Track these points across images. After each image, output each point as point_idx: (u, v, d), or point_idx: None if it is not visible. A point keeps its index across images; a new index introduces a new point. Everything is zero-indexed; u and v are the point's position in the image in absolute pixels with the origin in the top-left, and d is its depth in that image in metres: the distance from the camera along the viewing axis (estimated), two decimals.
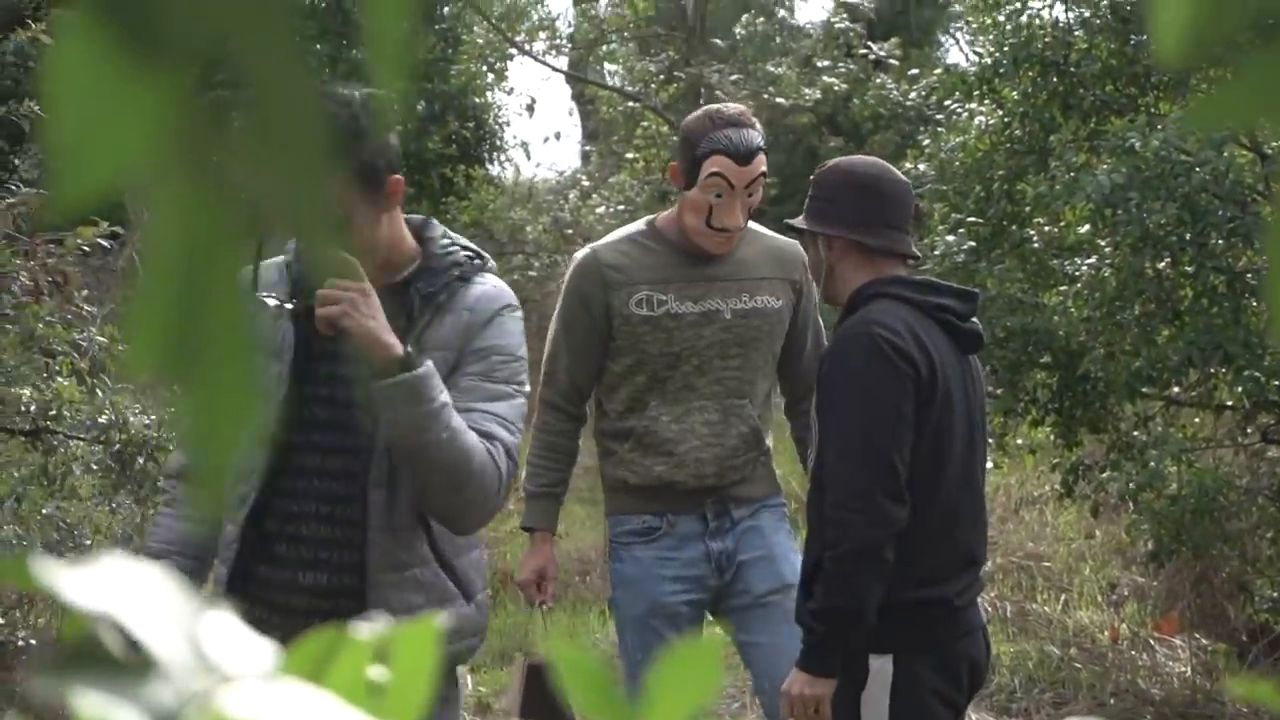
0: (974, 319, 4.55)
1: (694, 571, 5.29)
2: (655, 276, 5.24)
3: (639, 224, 5.46)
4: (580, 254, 5.41)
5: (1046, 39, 8.88)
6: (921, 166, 9.86)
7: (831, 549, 4.23)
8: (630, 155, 21.35)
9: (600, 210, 20.99)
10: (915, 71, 18.86)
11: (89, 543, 7.25)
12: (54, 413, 7.28)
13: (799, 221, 4.62)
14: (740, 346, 5.26)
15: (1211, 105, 0.69)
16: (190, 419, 0.65)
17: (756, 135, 5.22)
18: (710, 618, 5.49)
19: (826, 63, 21.25)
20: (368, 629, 0.74)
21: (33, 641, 7.65)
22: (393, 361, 3.62)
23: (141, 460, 7.05)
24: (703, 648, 0.77)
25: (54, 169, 0.62)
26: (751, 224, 5.39)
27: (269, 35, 0.63)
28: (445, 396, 3.69)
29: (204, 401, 0.65)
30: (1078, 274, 8.30)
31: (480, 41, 22.38)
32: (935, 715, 4.39)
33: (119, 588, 0.67)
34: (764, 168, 5.20)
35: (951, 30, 25.20)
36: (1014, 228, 8.95)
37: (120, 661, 0.66)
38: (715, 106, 5.33)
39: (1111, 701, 8.41)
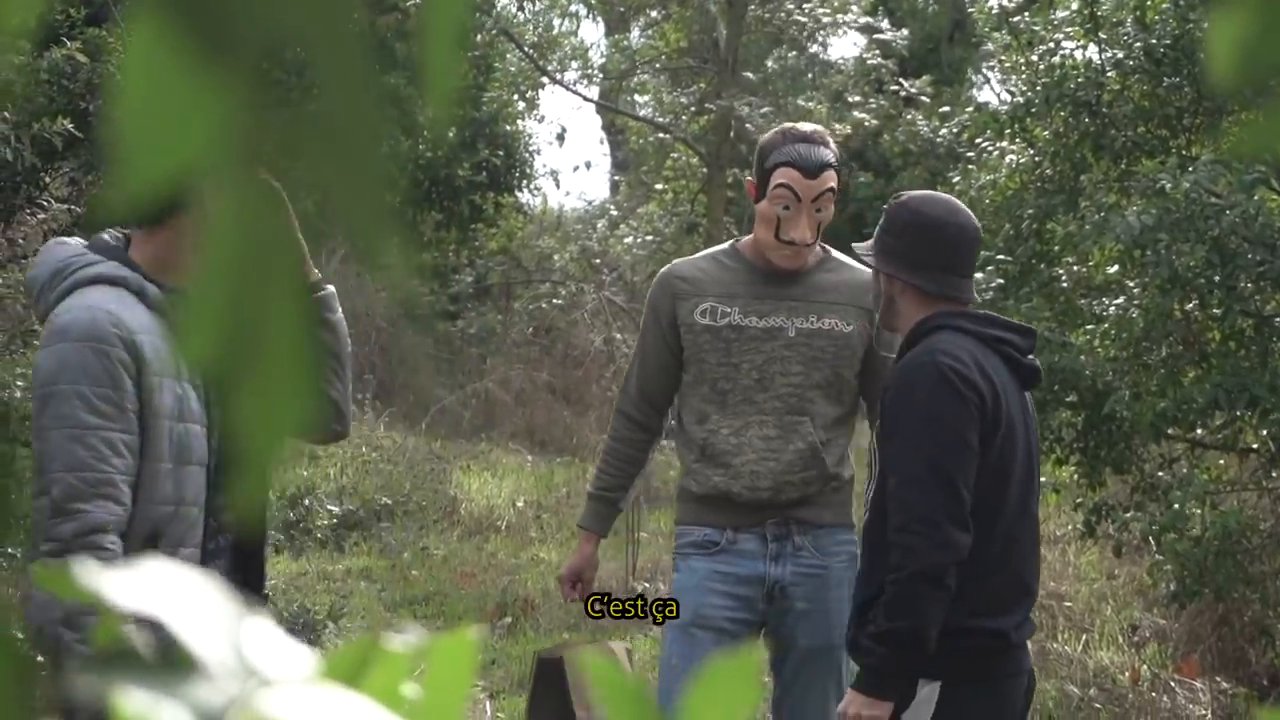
0: (1032, 355, 4.58)
1: (745, 591, 5.31)
2: (725, 290, 5.33)
3: (725, 244, 5.58)
4: (662, 269, 5.59)
5: (1079, 79, 8.87)
6: None
7: (895, 572, 4.25)
8: (659, 186, 21.38)
9: (628, 240, 21.03)
10: (946, 109, 18.86)
11: None
12: None
13: (864, 249, 4.65)
14: (803, 364, 5.29)
15: (1249, 135, 0.70)
16: (242, 413, 0.65)
17: (827, 152, 5.30)
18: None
19: (857, 98, 21.26)
20: (404, 640, 0.74)
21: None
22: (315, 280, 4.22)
23: None
24: (741, 663, 0.77)
25: (118, 161, 0.63)
26: (838, 254, 5.47)
27: (335, 36, 0.63)
28: None
29: (256, 396, 0.65)
30: (1105, 314, 8.29)
31: (512, 70, 22.44)
32: None
33: (162, 591, 0.68)
34: (833, 184, 5.26)
35: (983, 69, 25.20)
36: (1042, 266, 8.95)
37: (160, 663, 0.66)
38: (791, 124, 5.45)
39: None
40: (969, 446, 4.30)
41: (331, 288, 4.32)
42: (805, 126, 5.43)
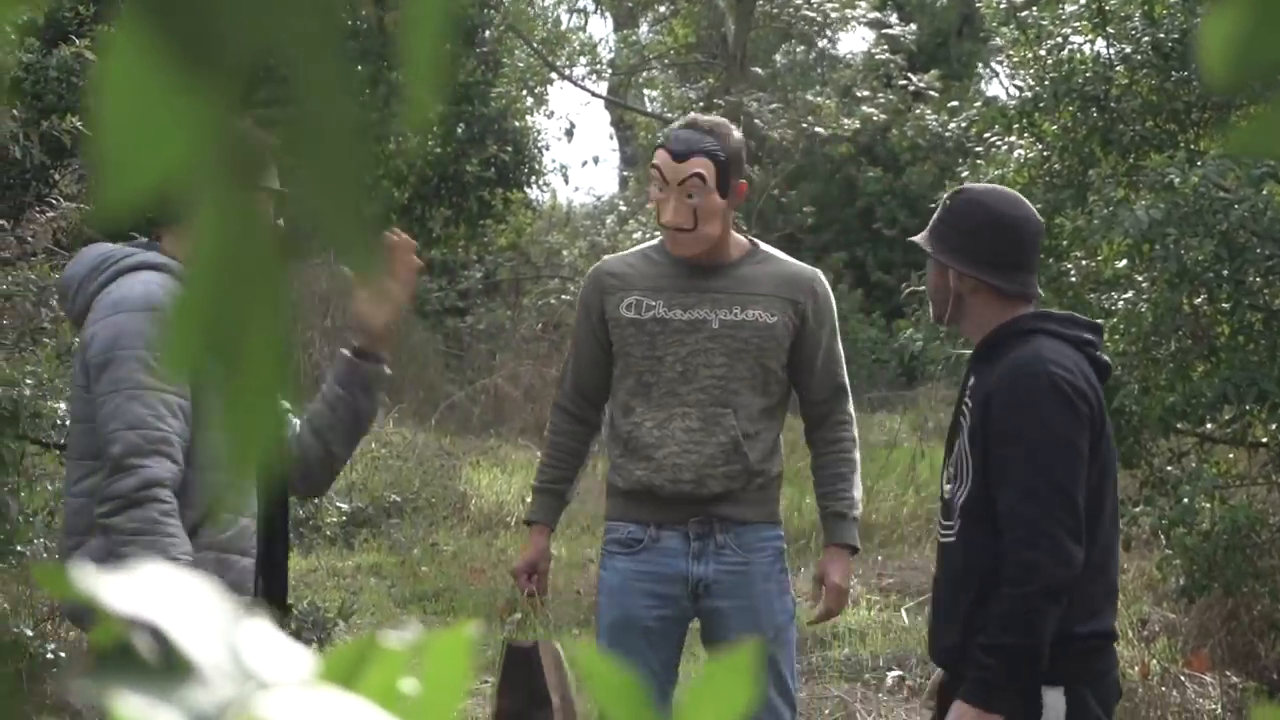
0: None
1: (669, 590, 5.36)
2: (651, 285, 5.38)
3: (655, 240, 5.62)
4: (593, 266, 5.71)
5: (1087, 74, 8.86)
6: None
7: (1014, 587, 4.26)
8: None
9: (637, 235, 21.01)
10: (955, 103, 18.86)
11: None
12: None
13: (926, 244, 4.61)
14: (726, 356, 5.32)
15: (1253, 131, 0.70)
16: (223, 420, 0.66)
17: (707, 140, 5.31)
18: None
19: (866, 93, 21.27)
20: (401, 637, 0.74)
21: (63, 654, 7.66)
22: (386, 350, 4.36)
23: None
24: (737, 663, 0.77)
25: (100, 175, 0.63)
26: (767, 247, 5.55)
27: (315, 49, 0.63)
28: None
29: (236, 404, 0.66)
30: (1114, 308, 8.29)
31: (521, 65, 22.45)
32: None
33: (158, 594, 0.68)
34: (702, 170, 5.27)
35: (991, 63, 25.18)
36: (1051, 261, 8.94)
37: (156, 667, 0.66)
38: (697, 115, 5.53)
39: None
40: (1083, 458, 4.32)
41: (387, 370, 4.44)
42: (706, 117, 5.53)
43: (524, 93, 22.51)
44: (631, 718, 0.75)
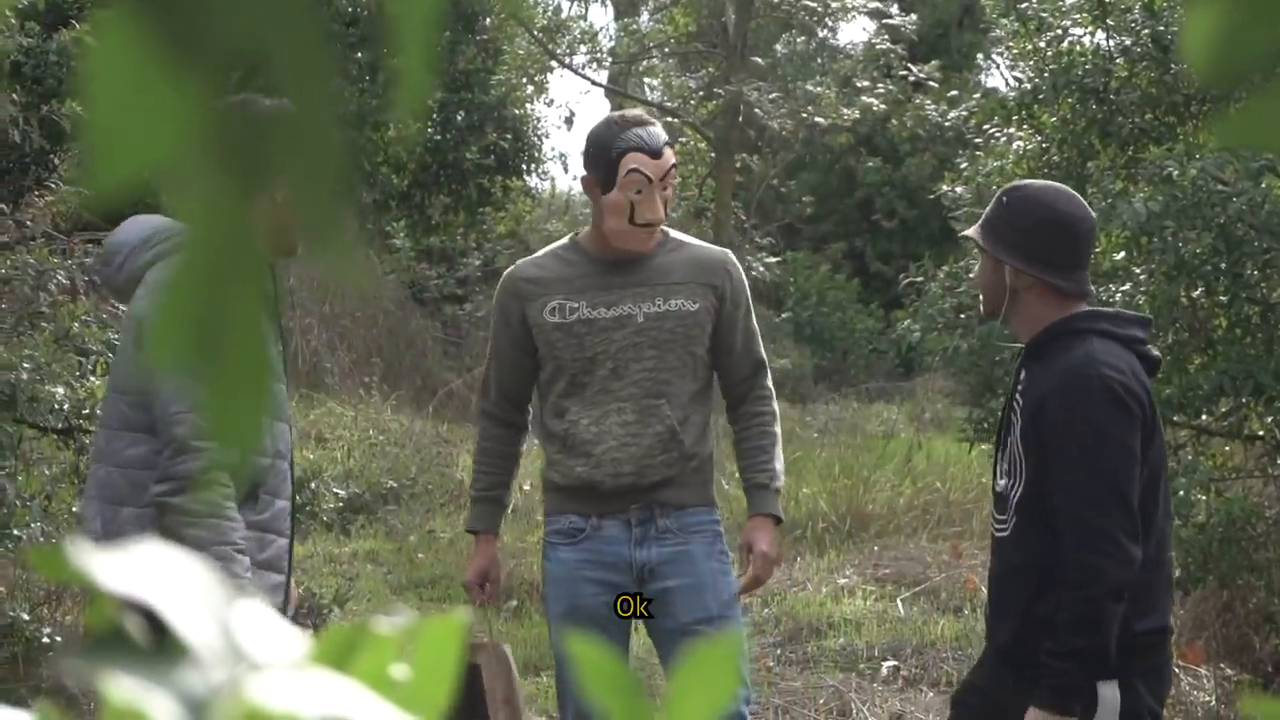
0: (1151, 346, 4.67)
1: (615, 577, 5.42)
2: (569, 287, 5.42)
3: (564, 240, 5.66)
4: (506, 271, 5.67)
5: (1086, 66, 8.87)
6: (959, 190, 9.86)
7: (1080, 590, 4.32)
8: None
9: None
10: (955, 93, 18.85)
11: None
12: (86, 411, 7.31)
13: (982, 239, 4.61)
14: (655, 348, 5.39)
15: (1241, 121, 0.71)
16: (207, 415, 0.66)
17: (663, 132, 5.45)
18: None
19: (866, 83, 21.24)
20: (391, 623, 0.75)
21: (59, 638, 7.68)
22: None
23: None
24: (722, 651, 0.78)
25: (89, 162, 0.64)
26: (675, 233, 5.60)
27: (298, 42, 0.64)
28: None
29: (219, 399, 0.66)
30: (1111, 301, 8.29)
31: (521, 53, 22.43)
32: None
33: (152, 575, 0.69)
34: (674, 160, 5.42)
35: (992, 54, 25.18)
36: None
37: (149, 649, 0.66)
38: (616, 113, 5.60)
39: None
40: (1136, 458, 4.38)
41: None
42: (631, 112, 5.59)
43: (524, 80, 22.49)
44: (626, 706, 0.75)
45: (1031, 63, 9.34)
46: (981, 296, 4.77)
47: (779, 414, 5.65)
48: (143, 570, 0.68)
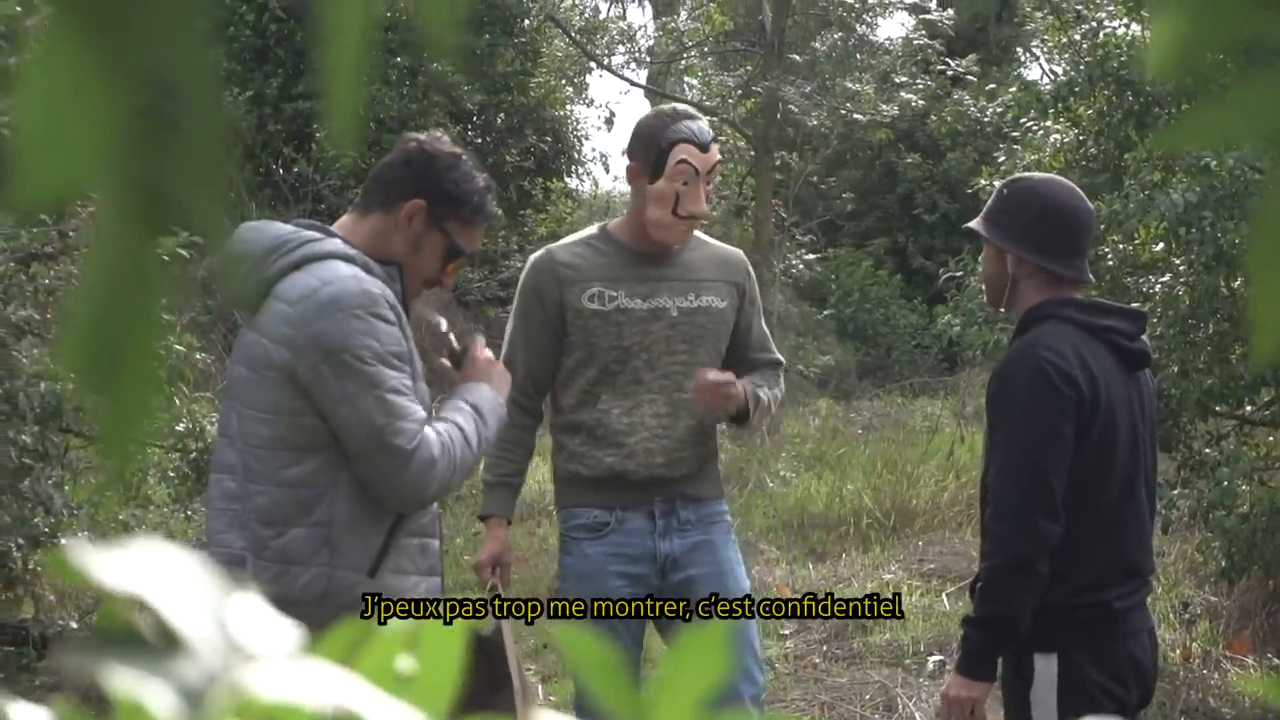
0: (1143, 338, 4.70)
1: (638, 570, 5.44)
2: (607, 275, 5.44)
3: (592, 229, 5.69)
4: (535, 255, 5.67)
5: (1122, 58, 8.86)
6: (997, 184, 9.85)
7: (987, 559, 4.46)
8: None
9: None
10: (993, 87, 18.81)
11: None
12: None
13: (984, 230, 4.75)
14: (686, 343, 5.43)
15: (1185, 126, 0.73)
16: (100, 425, 0.68)
17: (708, 127, 5.50)
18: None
19: (905, 79, 21.21)
20: (396, 622, 0.77)
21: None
22: None
23: None
24: (711, 635, 0.79)
25: (15, 167, 0.65)
26: (696, 233, 5.59)
27: (188, 49, 0.66)
28: None
29: (112, 411, 0.68)
30: (1151, 292, 8.28)
31: (559, 55, 22.44)
32: (1101, 708, 4.55)
33: (150, 571, 0.70)
34: (719, 157, 5.48)
35: (1030, 47, 25.11)
36: None
37: (150, 642, 0.68)
38: (665, 106, 5.58)
39: (1182, 719, 8.38)
40: (1061, 439, 4.44)
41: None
42: (680, 105, 5.59)
43: (563, 82, 22.51)
44: (613, 692, 0.77)
45: (1067, 55, 9.33)
46: (985, 286, 4.90)
47: (783, 400, 5.71)
48: (139, 566, 0.70)
